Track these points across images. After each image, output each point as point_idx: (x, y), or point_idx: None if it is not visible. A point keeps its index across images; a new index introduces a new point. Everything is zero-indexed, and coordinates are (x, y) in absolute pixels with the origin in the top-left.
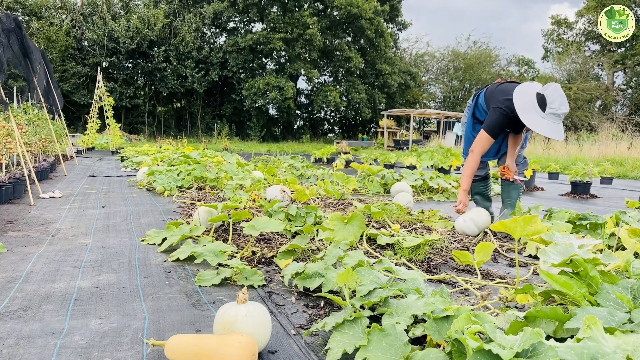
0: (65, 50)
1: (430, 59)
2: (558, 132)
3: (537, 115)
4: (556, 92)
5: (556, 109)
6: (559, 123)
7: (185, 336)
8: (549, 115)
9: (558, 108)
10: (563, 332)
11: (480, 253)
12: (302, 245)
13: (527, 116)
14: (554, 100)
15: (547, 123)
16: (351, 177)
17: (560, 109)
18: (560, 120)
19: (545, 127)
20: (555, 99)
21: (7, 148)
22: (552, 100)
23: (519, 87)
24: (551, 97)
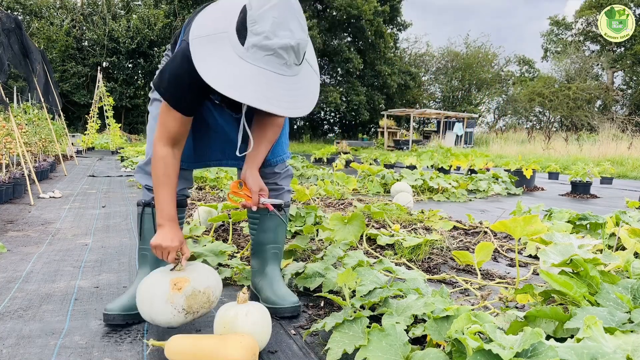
0: (65, 50)
1: (430, 58)
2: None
3: (228, 54)
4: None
5: (265, 34)
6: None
7: (185, 337)
8: (253, 53)
9: (270, 32)
10: (563, 332)
11: (480, 253)
12: (302, 245)
13: (204, 55)
14: (262, 14)
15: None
16: (351, 177)
17: (276, 35)
18: (282, 65)
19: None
20: (266, 12)
21: (7, 148)
22: (258, 14)
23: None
24: (257, 9)
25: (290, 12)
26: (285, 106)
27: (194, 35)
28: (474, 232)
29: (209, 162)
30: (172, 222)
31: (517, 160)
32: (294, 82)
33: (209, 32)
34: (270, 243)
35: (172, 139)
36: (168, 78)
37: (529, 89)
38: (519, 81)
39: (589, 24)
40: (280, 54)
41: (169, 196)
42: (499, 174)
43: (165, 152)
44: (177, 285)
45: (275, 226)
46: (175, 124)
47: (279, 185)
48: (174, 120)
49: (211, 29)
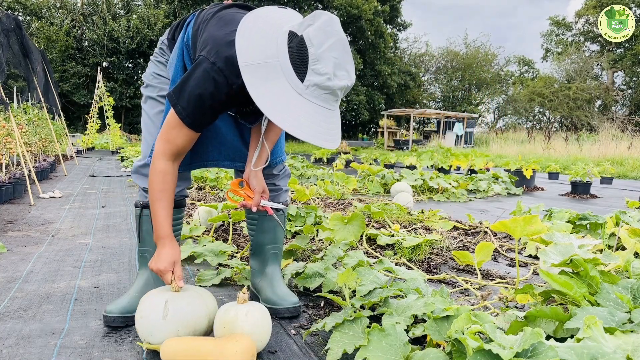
0: (65, 50)
1: (430, 58)
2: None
3: (284, 88)
4: (329, 36)
5: (328, 76)
6: (331, 108)
7: (181, 340)
8: (312, 91)
9: (332, 74)
10: (563, 332)
11: (481, 253)
12: (302, 245)
13: (262, 90)
14: (323, 54)
15: (307, 109)
16: (351, 177)
17: (336, 75)
18: (334, 101)
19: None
20: (326, 51)
21: (7, 148)
22: (319, 53)
23: (251, 15)
24: (318, 47)
25: (346, 53)
26: (331, 139)
27: (243, 62)
28: (474, 232)
29: (205, 163)
30: (166, 239)
31: (517, 160)
32: (334, 115)
33: (259, 59)
34: (270, 243)
35: (177, 154)
36: (188, 97)
37: (529, 89)
38: (519, 81)
39: (589, 24)
40: (336, 93)
41: (165, 212)
42: (499, 174)
43: (165, 168)
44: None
45: (274, 227)
46: (184, 141)
47: (278, 185)
48: (184, 138)
49: (260, 56)
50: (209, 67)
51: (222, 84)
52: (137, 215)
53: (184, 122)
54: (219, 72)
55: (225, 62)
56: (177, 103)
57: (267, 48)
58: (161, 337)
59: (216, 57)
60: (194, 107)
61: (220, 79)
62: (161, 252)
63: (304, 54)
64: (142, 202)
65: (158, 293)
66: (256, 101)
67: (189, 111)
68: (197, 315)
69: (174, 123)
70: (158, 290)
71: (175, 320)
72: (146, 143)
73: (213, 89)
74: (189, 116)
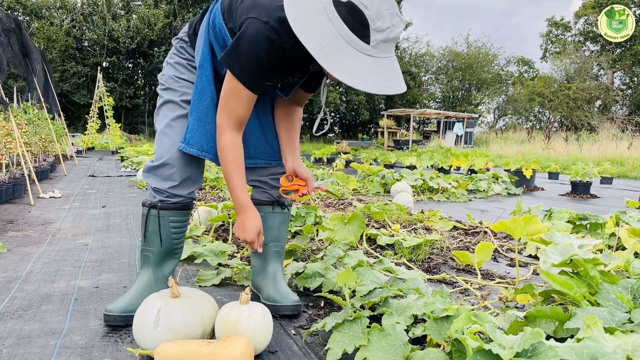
0: (65, 50)
1: (430, 58)
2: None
3: (354, 55)
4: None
5: (390, 28)
6: (390, 57)
7: (176, 344)
8: (380, 47)
9: (391, 25)
10: (563, 332)
11: (481, 253)
12: (302, 245)
13: (341, 68)
14: (378, 11)
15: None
16: (351, 177)
17: (394, 25)
18: (392, 49)
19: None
20: (379, 7)
21: (7, 148)
22: (374, 12)
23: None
24: (371, 7)
25: (392, 1)
26: (400, 83)
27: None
28: (474, 232)
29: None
30: (248, 209)
31: (517, 160)
32: (395, 60)
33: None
34: (273, 241)
35: (240, 124)
36: (245, 57)
37: (529, 89)
38: (519, 81)
39: (589, 24)
40: (397, 39)
41: (240, 181)
42: (499, 174)
43: (232, 139)
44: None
45: (278, 224)
46: (245, 108)
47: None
48: (244, 104)
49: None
50: (262, 26)
51: (276, 42)
52: (144, 214)
53: (243, 83)
54: (273, 31)
55: (278, 22)
56: (234, 65)
57: (323, 27)
58: (152, 345)
59: (268, 17)
60: (251, 66)
61: (274, 36)
62: (245, 223)
63: (361, 18)
64: (150, 202)
65: (154, 300)
66: (342, 79)
67: (248, 71)
68: (189, 327)
69: (233, 89)
70: (155, 297)
71: (166, 331)
72: (161, 146)
73: (268, 46)
74: (248, 76)
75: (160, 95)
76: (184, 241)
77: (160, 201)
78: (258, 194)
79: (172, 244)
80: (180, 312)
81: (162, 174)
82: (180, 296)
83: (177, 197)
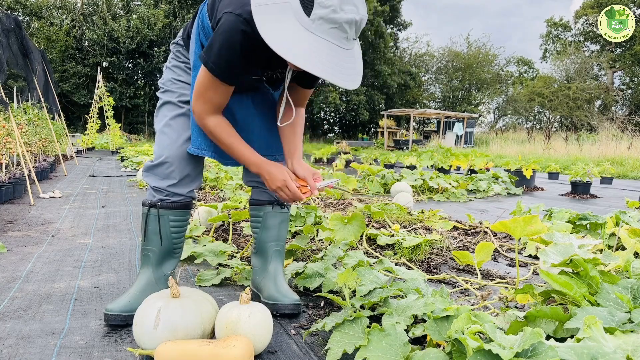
0: (65, 50)
1: (430, 58)
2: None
3: (293, 24)
4: None
5: (333, 8)
6: (344, 47)
7: (176, 344)
8: (319, 25)
9: (337, 6)
10: (563, 332)
11: (481, 253)
12: (302, 245)
13: (270, 27)
14: None
15: (315, 43)
16: (351, 177)
17: (342, 9)
18: (344, 39)
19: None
20: None
21: (7, 148)
22: None
23: None
24: None
25: None
26: (347, 78)
27: (255, 3)
28: (474, 232)
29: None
30: (264, 163)
31: (517, 160)
32: (350, 55)
33: (270, 0)
34: (273, 240)
35: (218, 108)
36: (218, 52)
37: (529, 89)
38: (519, 81)
39: (589, 24)
40: (344, 28)
41: (245, 148)
42: (499, 174)
43: (216, 121)
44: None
45: (278, 223)
46: (221, 97)
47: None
48: (220, 95)
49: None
50: (235, 19)
51: (250, 34)
52: (144, 213)
53: (217, 77)
54: (246, 23)
55: (250, 14)
56: (208, 60)
57: None
58: (152, 345)
59: (241, 10)
60: (225, 60)
61: (248, 29)
62: (270, 172)
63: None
64: (150, 201)
65: (154, 300)
66: (264, 38)
67: (222, 66)
68: (189, 328)
69: (208, 83)
70: (155, 297)
71: (166, 331)
72: (160, 145)
73: (242, 39)
74: (222, 71)
75: (160, 98)
76: (184, 241)
77: (160, 200)
78: (257, 194)
79: (172, 243)
80: (181, 312)
81: (161, 173)
82: (181, 296)
83: (177, 195)
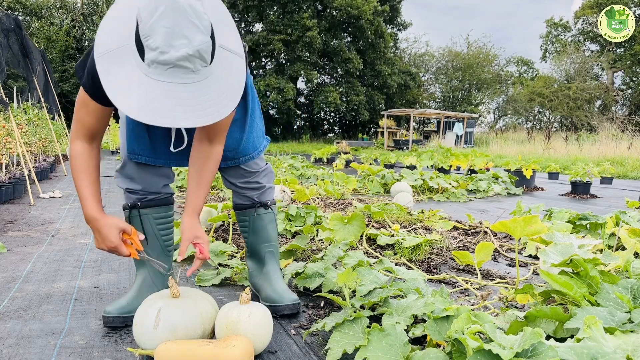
0: (65, 50)
1: (430, 58)
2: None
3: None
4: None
5: (160, 49)
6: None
7: (177, 344)
8: (155, 69)
9: (165, 46)
10: (563, 332)
11: (481, 253)
12: (302, 245)
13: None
14: (153, 27)
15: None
16: (351, 177)
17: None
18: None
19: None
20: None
21: (7, 148)
22: (149, 27)
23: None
24: (147, 20)
25: (182, 17)
26: (197, 116)
27: (97, 52)
28: (474, 232)
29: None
30: (94, 220)
31: (517, 160)
32: (203, 86)
33: (113, 45)
34: (264, 242)
35: (90, 135)
36: (90, 67)
37: (529, 89)
38: (518, 81)
39: (589, 24)
40: (181, 65)
41: (88, 191)
42: (499, 174)
43: (82, 148)
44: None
45: (265, 224)
46: (93, 118)
47: (261, 183)
48: (92, 114)
49: (115, 41)
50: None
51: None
52: (126, 217)
53: (88, 93)
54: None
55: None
56: (82, 74)
57: (121, 32)
58: (152, 345)
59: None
60: (94, 75)
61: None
62: (101, 231)
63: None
64: (129, 203)
65: (154, 300)
66: (105, 89)
67: (92, 81)
68: (189, 327)
69: (82, 98)
70: (155, 297)
71: (166, 331)
72: (122, 148)
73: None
74: (92, 86)
75: None
76: (172, 237)
77: (138, 200)
78: (237, 198)
79: (162, 240)
80: (181, 312)
81: (126, 174)
82: (181, 296)
83: (153, 194)
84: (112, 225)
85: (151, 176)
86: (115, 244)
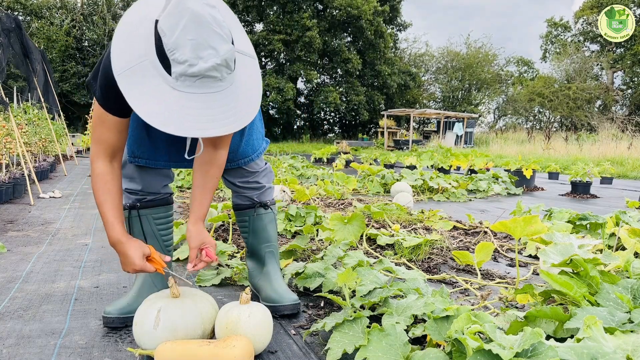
0: (65, 50)
1: (430, 58)
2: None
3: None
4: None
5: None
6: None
7: (177, 344)
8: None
9: (193, 58)
10: (563, 332)
11: (481, 253)
12: (302, 245)
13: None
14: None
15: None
16: (351, 177)
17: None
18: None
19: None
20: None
21: (7, 148)
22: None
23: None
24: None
25: (206, 28)
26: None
27: (117, 70)
28: (474, 232)
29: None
30: (119, 244)
31: (517, 160)
32: (225, 95)
33: (131, 62)
34: (264, 243)
35: (111, 152)
36: (101, 80)
37: (529, 89)
38: (518, 81)
39: (589, 24)
40: (210, 75)
41: (112, 214)
42: (499, 174)
43: (105, 168)
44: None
45: (265, 225)
46: (112, 134)
47: (260, 183)
48: (111, 130)
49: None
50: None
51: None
52: (126, 217)
53: (103, 107)
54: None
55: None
56: (95, 88)
57: (137, 47)
58: (152, 345)
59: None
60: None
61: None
62: (126, 254)
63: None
64: (129, 204)
65: (154, 300)
66: (132, 106)
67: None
68: (189, 328)
69: (98, 116)
70: (155, 297)
71: (166, 331)
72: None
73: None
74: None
75: None
76: (172, 237)
77: (138, 201)
78: (237, 198)
79: (162, 240)
80: (180, 312)
81: (125, 175)
82: (180, 296)
83: (152, 194)
84: (137, 247)
85: (151, 176)
86: (142, 266)
